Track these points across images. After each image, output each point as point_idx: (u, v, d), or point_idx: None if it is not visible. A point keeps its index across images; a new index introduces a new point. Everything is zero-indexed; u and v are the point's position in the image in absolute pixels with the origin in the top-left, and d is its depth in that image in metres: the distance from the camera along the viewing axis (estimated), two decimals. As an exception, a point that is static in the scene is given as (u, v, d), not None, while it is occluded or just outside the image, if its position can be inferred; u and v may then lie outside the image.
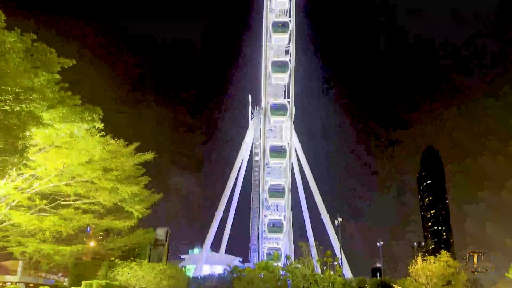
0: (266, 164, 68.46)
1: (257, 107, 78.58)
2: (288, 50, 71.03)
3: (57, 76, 26.67)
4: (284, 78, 70.78)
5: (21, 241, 36.39)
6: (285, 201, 67.06)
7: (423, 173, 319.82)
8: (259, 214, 69.78)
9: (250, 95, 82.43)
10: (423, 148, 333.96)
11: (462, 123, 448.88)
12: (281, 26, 69.68)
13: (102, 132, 33.49)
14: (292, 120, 69.96)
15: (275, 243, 67.72)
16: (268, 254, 63.36)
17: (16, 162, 25.34)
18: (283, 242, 66.70)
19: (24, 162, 26.67)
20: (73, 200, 36.60)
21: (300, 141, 77.97)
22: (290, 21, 69.25)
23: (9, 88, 23.33)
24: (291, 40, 69.60)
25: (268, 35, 69.96)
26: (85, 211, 37.33)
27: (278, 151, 67.93)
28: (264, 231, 65.82)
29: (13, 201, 31.02)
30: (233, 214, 79.09)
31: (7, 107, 23.50)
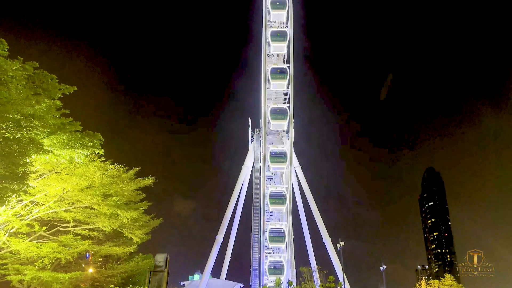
0: (266, 207, 67.89)
1: (257, 130, 79.02)
2: (287, 94, 71.48)
3: (58, 103, 26.92)
4: (283, 125, 71.31)
5: (19, 268, 35.93)
6: (285, 243, 65.96)
7: (425, 195, 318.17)
8: (259, 238, 69.09)
9: (250, 118, 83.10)
10: (423, 169, 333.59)
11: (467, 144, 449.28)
12: (279, 73, 70.63)
13: (102, 158, 33.64)
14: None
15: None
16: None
17: (16, 189, 25.33)
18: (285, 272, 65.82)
19: (24, 188, 26.66)
20: (72, 226, 36.42)
21: (300, 164, 78.09)
22: (289, 67, 69.92)
23: (11, 115, 23.55)
24: (290, 86, 69.90)
25: (267, 82, 70.80)
26: (84, 237, 37.08)
27: (279, 197, 67.62)
28: (265, 270, 65.03)
29: (12, 228, 30.82)
30: (234, 238, 78.32)
31: (8, 134, 23.68)
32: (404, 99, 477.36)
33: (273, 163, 68.39)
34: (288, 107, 69.09)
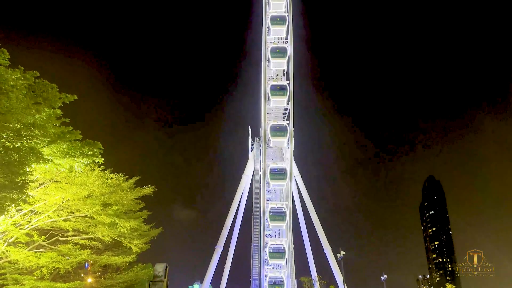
0: (266, 222, 67.65)
1: (257, 139, 79.00)
2: (288, 111, 71.50)
3: (59, 112, 26.96)
4: (283, 142, 71.34)
5: (18, 278, 35.63)
6: (286, 259, 65.60)
7: (425, 204, 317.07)
8: (259, 248, 68.68)
9: (250, 127, 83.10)
10: (424, 177, 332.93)
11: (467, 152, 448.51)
12: (279, 89, 70.69)
13: (102, 167, 33.58)
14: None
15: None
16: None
17: (15, 198, 25.22)
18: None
19: (23, 197, 26.55)
20: (71, 236, 36.23)
21: (300, 172, 77.98)
22: (289, 84, 69.96)
23: (11, 124, 23.56)
24: (290, 103, 69.92)
25: (267, 98, 70.82)
26: (83, 247, 36.88)
27: (279, 214, 67.38)
28: (265, 286, 64.65)
29: (11, 237, 30.67)
30: (234, 248, 77.91)
31: (8, 144, 23.67)
32: (405, 103, 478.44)
33: (273, 180, 68.21)
34: (288, 124, 69.19)
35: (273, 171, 68.61)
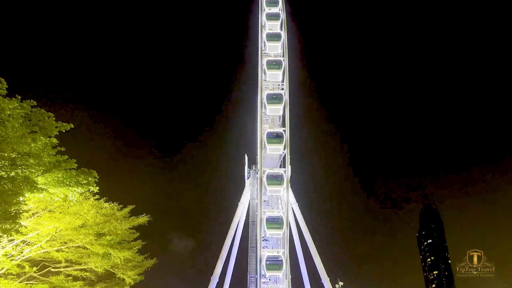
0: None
1: (253, 166, 78.80)
2: (284, 156, 72.01)
3: (54, 140, 26.94)
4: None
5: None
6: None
7: (423, 232, 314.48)
8: (256, 279, 67.45)
9: (246, 154, 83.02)
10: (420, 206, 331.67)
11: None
12: (275, 137, 71.39)
13: (96, 196, 33.29)
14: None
15: None
16: None
17: (8, 228, 24.82)
18: None
19: (16, 228, 26.12)
20: (64, 267, 35.52)
21: (297, 200, 77.47)
22: (284, 131, 70.67)
23: (6, 154, 23.48)
24: (286, 150, 70.59)
25: (263, 145, 71.48)
26: (76, 278, 36.10)
27: (275, 263, 66.85)
28: None
29: (2, 268, 30.00)
30: (230, 278, 76.37)
31: (3, 173, 23.51)
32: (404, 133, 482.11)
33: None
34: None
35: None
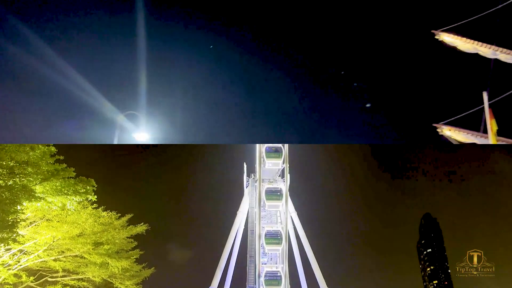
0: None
1: (252, 175, 78.69)
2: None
3: (53, 149, 26.93)
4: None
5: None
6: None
7: (423, 241, 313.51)
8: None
9: (245, 163, 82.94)
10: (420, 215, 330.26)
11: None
12: (274, 151, 70.88)
13: (95, 204, 33.17)
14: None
15: None
16: None
17: (5, 237, 24.72)
18: None
19: (13, 237, 25.99)
20: (61, 276, 35.27)
21: (296, 209, 77.12)
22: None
23: (4, 162, 23.45)
24: (285, 164, 70.30)
25: (262, 160, 71.19)
26: (72, 288, 35.82)
27: (274, 279, 66.42)
28: None
29: (-2, 278, 29.83)
30: (228, 288, 75.88)
31: (1, 181, 23.45)
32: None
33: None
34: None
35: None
